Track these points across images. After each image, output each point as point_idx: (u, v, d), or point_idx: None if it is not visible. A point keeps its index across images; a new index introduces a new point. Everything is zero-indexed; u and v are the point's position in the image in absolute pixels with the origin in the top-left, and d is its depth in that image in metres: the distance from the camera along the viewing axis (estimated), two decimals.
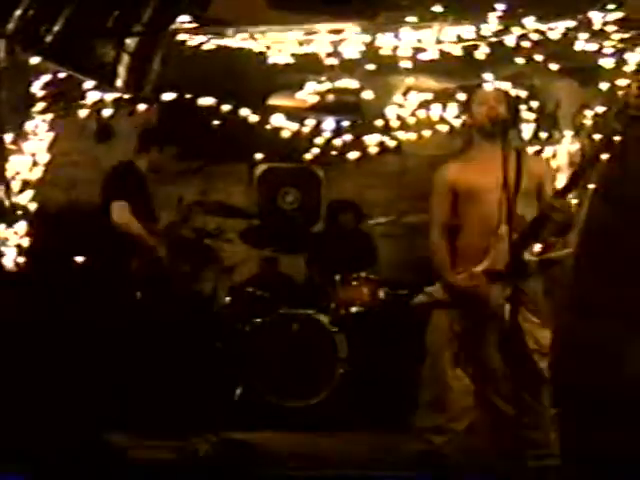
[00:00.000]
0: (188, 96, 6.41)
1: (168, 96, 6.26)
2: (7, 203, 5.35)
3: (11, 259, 5.31)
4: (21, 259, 5.33)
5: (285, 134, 7.07)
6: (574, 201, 5.25)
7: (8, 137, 5.32)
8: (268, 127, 6.97)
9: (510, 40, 5.74)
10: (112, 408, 5.17)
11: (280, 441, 5.50)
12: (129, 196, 5.66)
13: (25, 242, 5.36)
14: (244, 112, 6.74)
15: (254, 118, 6.80)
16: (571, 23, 5.66)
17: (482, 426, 4.45)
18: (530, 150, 5.91)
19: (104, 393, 5.24)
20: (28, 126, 5.54)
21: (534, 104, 6.52)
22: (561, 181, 5.44)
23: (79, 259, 5.79)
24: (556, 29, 5.66)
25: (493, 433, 4.35)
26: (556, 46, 5.78)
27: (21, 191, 5.45)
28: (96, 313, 5.43)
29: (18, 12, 5.16)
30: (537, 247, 4.73)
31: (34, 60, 5.40)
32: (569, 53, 5.83)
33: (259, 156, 7.74)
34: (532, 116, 6.48)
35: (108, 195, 5.68)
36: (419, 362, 5.13)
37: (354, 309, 6.60)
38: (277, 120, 6.97)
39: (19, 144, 5.43)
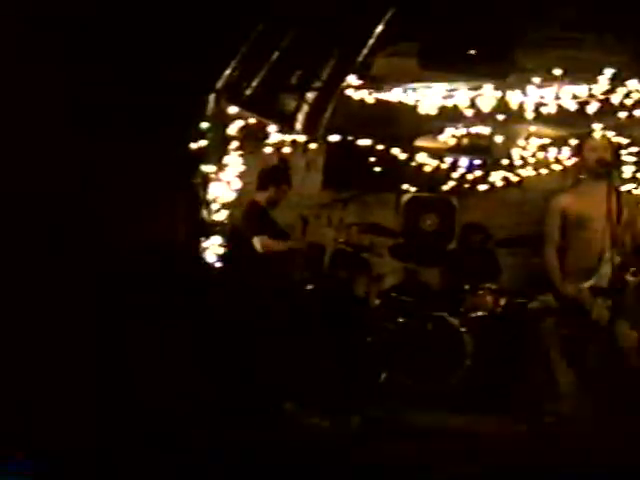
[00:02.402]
0: (350, 138, 7.14)
1: (334, 138, 7.04)
2: (208, 220, 5.88)
3: (209, 265, 5.82)
4: (218, 265, 5.81)
5: (427, 169, 7.81)
6: None
7: (211, 168, 5.86)
8: (413, 164, 7.73)
9: (615, 98, 6.31)
10: (291, 385, 5.78)
11: (416, 417, 5.80)
12: (262, 229, 6.10)
13: (219, 251, 5.85)
14: (395, 151, 7.50)
15: (403, 156, 7.58)
16: None
17: (582, 410, 4.81)
18: (629, 188, 6.31)
19: (286, 374, 5.79)
20: (225, 160, 6.07)
21: (633, 150, 7.03)
22: None
23: (258, 264, 6.09)
24: None
25: (591, 415, 4.67)
26: None
27: (217, 211, 5.97)
28: (279, 309, 5.89)
29: (227, 72, 5.82)
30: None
31: (233, 110, 6.08)
32: None
33: (405, 187, 8.41)
34: (631, 159, 6.97)
35: (248, 231, 6.09)
36: (532, 357, 5.64)
37: (480, 313, 6.98)
38: (421, 158, 7.75)
39: (218, 174, 5.93)
